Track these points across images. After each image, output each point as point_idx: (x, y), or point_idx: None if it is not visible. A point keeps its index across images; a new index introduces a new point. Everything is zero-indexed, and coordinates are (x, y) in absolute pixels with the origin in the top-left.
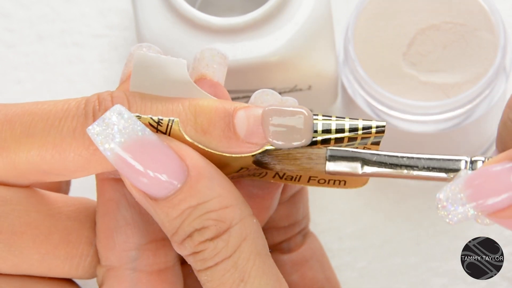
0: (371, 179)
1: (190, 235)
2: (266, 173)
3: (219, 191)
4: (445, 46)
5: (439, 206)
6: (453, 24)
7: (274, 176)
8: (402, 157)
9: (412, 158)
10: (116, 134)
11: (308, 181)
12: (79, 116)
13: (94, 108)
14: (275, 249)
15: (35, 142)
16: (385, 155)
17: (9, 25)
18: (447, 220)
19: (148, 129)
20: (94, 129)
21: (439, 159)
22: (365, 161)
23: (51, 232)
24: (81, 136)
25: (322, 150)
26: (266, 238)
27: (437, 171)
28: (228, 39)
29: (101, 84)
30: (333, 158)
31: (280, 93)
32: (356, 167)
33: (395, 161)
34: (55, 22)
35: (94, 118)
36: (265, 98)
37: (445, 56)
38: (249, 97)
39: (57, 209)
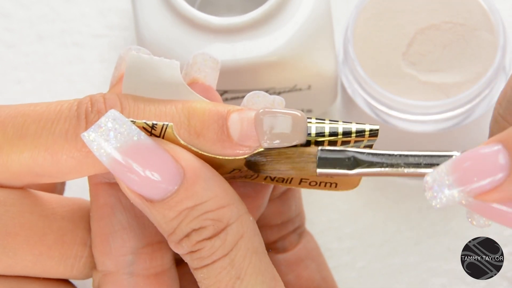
0: (370, 179)
1: (187, 235)
2: (258, 175)
3: (215, 191)
4: (445, 46)
5: (426, 187)
6: (453, 24)
7: (265, 178)
8: (392, 155)
9: (402, 155)
10: (112, 140)
11: (300, 183)
12: (71, 118)
13: (86, 110)
14: (270, 248)
15: (27, 144)
16: (375, 154)
17: (9, 25)
18: (434, 204)
19: (143, 133)
20: (89, 135)
21: (431, 155)
22: (356, 161)
23: (45, 233)
24: (73, 139)
25: (313, 149)
26: None
27: (429, 167)
28: (227, 39)
29: (101, 84)
30: (323, 159)
31: (279, 93)
32: (347, 167)
33: (385, 159)
34: (55, 22)
35: (87, 120)
36: (256, 100)
37: (445, 56)
38: None
39: (51, 210)
